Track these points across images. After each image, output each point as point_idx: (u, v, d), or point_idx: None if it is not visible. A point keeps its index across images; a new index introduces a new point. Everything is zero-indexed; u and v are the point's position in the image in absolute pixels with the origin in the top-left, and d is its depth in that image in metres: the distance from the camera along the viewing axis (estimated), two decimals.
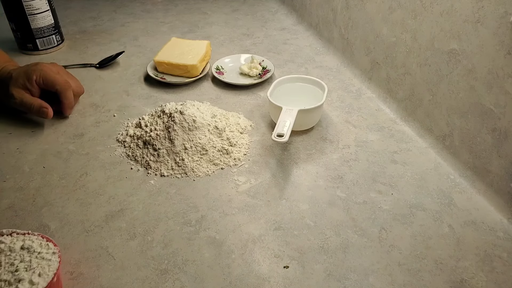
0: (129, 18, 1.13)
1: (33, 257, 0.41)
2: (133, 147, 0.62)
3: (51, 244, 0.43)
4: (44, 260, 0.41)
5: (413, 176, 0.58)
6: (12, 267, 0.40)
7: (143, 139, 0.62)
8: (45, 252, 0.42)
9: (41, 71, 0.66)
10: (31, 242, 0.42)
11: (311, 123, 0.66)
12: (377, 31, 0.75)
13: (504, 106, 0.51)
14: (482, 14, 0.52)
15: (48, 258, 0.41)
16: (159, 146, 0.59)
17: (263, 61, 0.84)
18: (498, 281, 0.44)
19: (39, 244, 0.42)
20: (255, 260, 0.46)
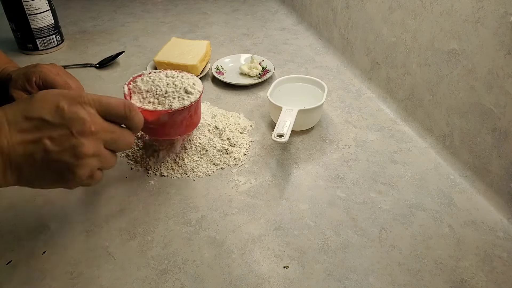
0: (129, 18, 1.13)
1: (179, 79, 0.55)
2: (133, 147, 0.62)
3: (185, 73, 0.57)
4: (189, 78, 0.56)
5: (413, 176, 0.58)
6: (169, 86, 0.54)
7: (143, 139, 0.62)
8: (186, 76, 0.57)
9: (41, 72, 0.66)
10: (171, 72, 0.57)
11: (311, 123, 0.66)
12: (377, 31, 0.75)
13: (504, 106, 0.51)
14: (482, 14, 0.52)
15: (189, 77, 0.56)
16: (159, 147, 0.59)
17: (263, 61, 0.84)
18: (498, 281, 0.44)
19: (176, 73, 0.57)
20: (255, 260, 0.46)
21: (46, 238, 0.48)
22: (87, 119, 0.40)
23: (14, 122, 0.38)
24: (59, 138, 0.39)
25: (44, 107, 0.39)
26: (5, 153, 0.37)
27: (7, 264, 0.45)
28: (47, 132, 0.38)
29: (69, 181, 0.41)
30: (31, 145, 0.38)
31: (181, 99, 0.52)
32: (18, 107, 0.39)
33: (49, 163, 0.39)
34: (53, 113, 0.39)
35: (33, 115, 0.38)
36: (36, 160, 0.38)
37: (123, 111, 0.44)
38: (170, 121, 0.52)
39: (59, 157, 0.39)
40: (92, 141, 0.41)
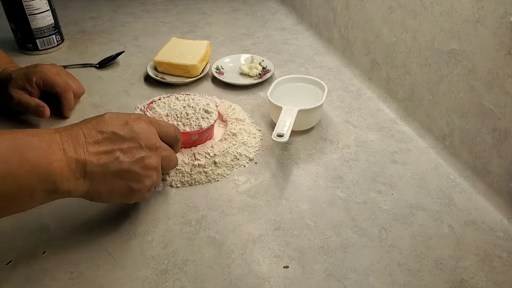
0: (129, 18, 1.13)
1: (192, 101, 0.61)
2: None
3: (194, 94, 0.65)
4: (200, 100, 0.62)
5: (413, 176, 0.58)
6: (187, 108, 0.60)
7: None
8: (196, 97, 0.63)
9: (41, 72, 0.66)
10: (182, 96, 0.63)
11: (311, 123, 0.66)
12: (377, 31, 0.75)
13: (504, 106, 0.51)
14: (482, 14, 0.52)
15: (200, 99, 0.62)
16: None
17: (263, 61, 0.84)
18: (498, 281, 0.44)
19: (186, 96, 0.63)
20: (255, 260, 0.46)
21: (46, 238, 0.48)
22: (153, 136, 0.45)
23: (89, 135, 0.41)
24: (129, 150, 0.42)
25: (114, 123, 0.43)
26: (82, 162, 0.40)
27: (7, 264, 0.45)
28: (119, 145, 0.42)
29: (135, 193, 0.44)
30: (105, 155, 0.41)
31: (205, 118, 0.59)
32: (90, 123, 0.42)
33: (120, 173, 0.42)
34: (123, 128, 0.43)
35: (105, 129, 0.42)
36: (109, 170, 0.41)
37: (174, 133, 0.49)
38: (198, 139, 0.59)
39: (130, 167, 0.42)
40: (155, 156, 0.45)
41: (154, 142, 0.45)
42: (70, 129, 0.41)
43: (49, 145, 0.38)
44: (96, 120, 0.43)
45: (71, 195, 0.41)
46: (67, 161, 0.39)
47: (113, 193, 0.43)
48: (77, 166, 0.40)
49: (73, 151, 0.40)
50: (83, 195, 0.42)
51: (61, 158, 0.39)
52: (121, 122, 0.43)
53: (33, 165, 0.37)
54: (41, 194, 0.38)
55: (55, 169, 0.38)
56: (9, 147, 0.36)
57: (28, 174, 0.36)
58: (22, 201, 0.38)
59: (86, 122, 0.43)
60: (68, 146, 0.39)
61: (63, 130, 0.41)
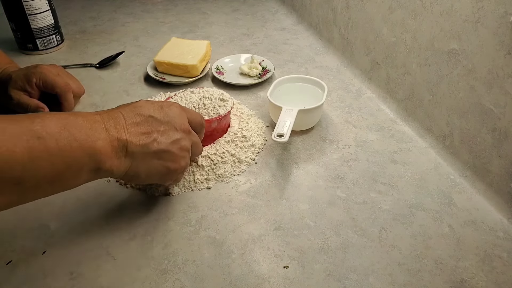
0: (129, 18, 1.13)
1: (207, 93, 0.62)
2: None
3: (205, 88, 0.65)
4: (214, 91, 0.62)
5: (413, 176, 0.58)
6: (203, 99, 0.61)
7: None
8: (210, 89, 0.63)
9: (41, 73, 0.66)
10: (195, 90, 0.63)
11: (311, 123, 0.66)
12: (377, 31, 0.75)
13: (504, 106, 0.51)
14: (482, 14, 0.52)
15: (215, 90, 0.63)
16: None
17: (263, 61, 0.84)
18: (498, 281, 0.44)
19: (199, 89, 0.64)
20: (255, 260, 0.46)
21: (46, 238, 0.48)
22: (185, 120, 0.47)
23: (129, 117, 0.43)
24: (166, 132, 0.45)
25: (150, 107, 0.45)
26: (124, 142, 0.42)
27: (7, 264, 0.45)
28: (156, 127, 0.44)
29: (171, 173, 0.46)
30: (144, 136, 0.43)
31: (222, 106, 0.60)
32: (128, 107, 0.45)
33: (159, 154, 0.44)
34: (159, 112, 0.45)
35: (143, 112, 0.44)
36: (149, 150, 0.43)
37: (200, 119, 0.51)
38: (218, 126, 0.60)
39: (168, 148, 0.45)
40: (188, 139, 0.47)
41: (187, 126, 0.47)
42: (110, 111, 0.43)
43: (93, 124, 0.40)
44: (133, 105, 0.45)
45: (113, 174, 0.42)
46: (110, 140, 0.40)
47: (151, 173, 0.45)
48: (119, 145, 0.41)
49: (115, 131, 0.41)
50: (123, 175, 0.43)
51: (104, 137, 0.40)
52: (157, 106, 0.46)
53: (80, 143, 0.38)
54: (87, 172, 0.40)
55: (99, 148, 0.39)
56: (58, 126, 0.37)
57: (77, 151, 0.38)
58: (69, 179, 0.39)
59: (124, 106, 0.45)
60: (110, 126, 0.41)
61: (104, 113, 0.43)
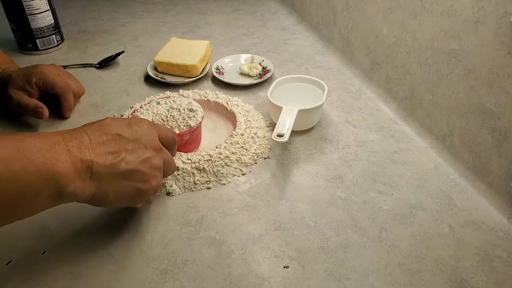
0: (129, 18, 1.13)
1: (177, 103, 0.61)
2: None
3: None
4: (183, 100, 0.61)
5: (413, 176, 0.58)
6: (170, 111, 0.59)
7: None
8: (179, 99, 0.62)
9: (41, 73, 0.66)
10: (162, 99, 0.63)
11: (311, 123, 0.66)
12: (377, 31, 0.75)
13: (504, 106, 0.51)
14: (482, 14, 0.52)
15: (184, 101, 0.61)
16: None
17: (263, 61, 0.84)
18: (498, 281, 0.44)
19: (166, 99, 0.63)
20: (255, 260, 0.46)
21: (46, 238, 0.48)
22: (155, 138, 0.45)
23: (94, 136, 0.40)
24: (135, 150, 0.42)
25: (117, 125, 0.43)
26: (88, 162, 0.39)
27: (7, 264, 0.45)
28: (124, 146, 0.42)
29: (142, 194, 0.44)
30: (111, 156, 0.40)
31: (192, 117, 0.58)
32: (93, 126, 0.42)
33: (128, 174, 0.41)
34: (127, 130, 0.43)
35: (110, 131, 0.42)
36: (117, 170, 0.41)
37: (172, 135, 0.49)
38: (190, 139, 0.59)
39: (138, 167, 0.42)
40: (159, 157, 0.45)
41: (158, 144, 0.45)
42: (73, 131, 0.41)
43: (52, 146, 0.37)
44: (98, 123, 0.42)
45: (77, 198, 0.39)
46: (72, 161, 0.38)
47: (120, 195, 0.42)
48: (83, 167, 0.38)
49: (78, 152, 0.38)
50: (89, 198, 0.41)
51: (66, 158, 0.37)
52: (124, 124, 0.43)
53: (37, 166, 0.35)
54: (46, 198, 0.37)
55: (59, 170, 0.36)
56: (12, 148, 0.35)
57: (32, 176, 0.35)
58: (26, 206, 0.36)
59: (89, 125, 0.42)
60: (72, 147, 0.38)
61: (66, 133, 0.40)
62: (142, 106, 0.62)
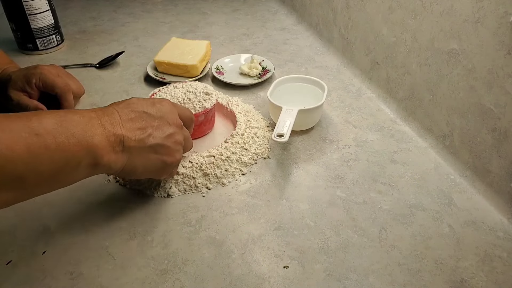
0: (129, 18, 1.13)
1: (193, 87, 0.64)
2: None
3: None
4: (199, 85, 0.64)
5: (413, 176, 0.58)
6: (187, 93, 0.62)
7: None
8: (194, 83, 0.65)
9: (41, 74, 0.66)
10: (181, 84, 0.65)
11: (311, 123, 0.66)
12: (377, 31, 0.75)
13: (504, 106, 0.51)
14: (482, 14, 0.52)
15: (196, 84, 0.64)
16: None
17: (263, 61, 0.84)
18: (498, 281, 0.44)
19: (186, 84, 0.65)
20: (255, 260, 0.46)
21: (46, 238, 0.48)
22: (176, 115, 0.49)
23: (123, 113, 0.44)
24: (160, 127, 0.46)
25: (143, 104, 0.46)
26: (120, 137, 0.43)
27: (7, 264, 0.45)
28: (150, 122, 0.45)
29: (167, 167, 0.48)
30: (140, 131, 0.44)
31: (207, 100, 0.61)
32: (121, 104, 0.46)
33: (155, 148, 0.46)
34: (152, 108, 0.46)
35: (137, 109, 0.45)
36: (145, 145, 0.45)
37: (190, 114, 0.52)
38: (205, 120, 0.62)
39: (164, 142, 0.46)
40: (181, 133, 0.49)
41: (179, 121, 0.49)
42: (105, 108, 0.44)
43: (89, 120, 0.41)
44: (126, 102, 0.46)
45: (110, 170, 0.43)
46: (106, 135, 0.41)
47: (148, 167, 0.46)
48: (116, 141, 0.42)
49: (111, 127, 0.42)
50: (120, 170, 0.44)
51: (101, 132, 0.41)
52: (149, 103, 0.47)
53: (78, 138, 0.39)
54: (85, 168, 0.40)
55: (97, 143, 0.40)
56: (55, 122, 0.38)
57: (74, 147, 0.39)
58: (69, 174, 0.40)
59: (118, 103, 0.46)
60: (105, 122, 0.42)
61: (99, 110, 0.43)
62: (161, 90, 0.64)
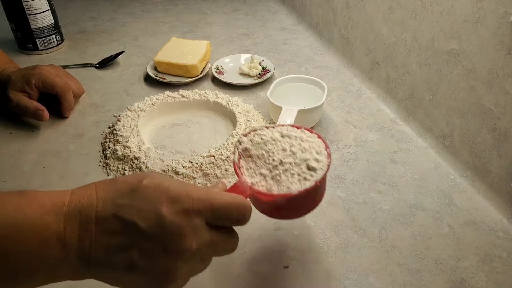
0: (129, 18, 1.13)
1: (298, 141, 0.42)
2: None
3: (305, 130, 0.44)
4: (310, 142, 0.42)
5: (413, 176, 0.58)
6: (286, 152, 0.41)
7: None
8: (306, 136, 0.43)
9: (40, 74, 0.66)
10: (288, 130, 0.44)
11: (311, 123, 0.66)
12: (377, 31, 0.75)
13: (504, 106, 0.51)
14: (482, 14, 0.52)
15: (312, 141, 0.42)
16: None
17: (263, 61, 0.84)
18: (498, 281, 0.44)
19: (294, 131, 0.44)
20: (255, 260, 0.46)
21: None
22: (190, 236, 0.32)
23: (102, 218, 0.31)
24: (149, 252, 0.31)
25: (141, 209, 0.31)
26: (85, 253, 0.31)
27: None
28: (137, 241, 0.31)
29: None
30: (116, 252, 0.31)
31: (302, 178, 0.40)
32: (111, 197, 0.32)
33: (130, 276, 0.32)
34: (150, 220, 0.31)
35: (125, 216, 0.31)
36: (117, 269, 0.32)
37: (236, 216, 0.36)
38: (288, 204, 0.41)
39: (145, 275, 0.32)
40: (187, 262, 0.33)
41: (189, 246, 0.32)
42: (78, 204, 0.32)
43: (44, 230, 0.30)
44: (119, 196, 0.32)
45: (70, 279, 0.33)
46: (65, 257, 0.31)
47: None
48: (80, 258, 0.31)
49: (75, 240, 0.31)
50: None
51: (58, 255, 0.31)
52: (152, 209, 0.31)
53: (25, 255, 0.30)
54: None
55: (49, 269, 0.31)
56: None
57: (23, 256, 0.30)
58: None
59: (108, 194, 0.32)
60: (69, 235, 0.31)
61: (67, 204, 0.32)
62: (263, 129, 0.44)
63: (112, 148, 0.60)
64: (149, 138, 0.65)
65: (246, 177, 0.41)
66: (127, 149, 0.58)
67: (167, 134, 0.66)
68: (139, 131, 0.62)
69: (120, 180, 0.34)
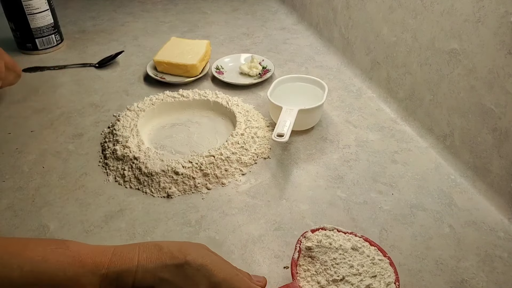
0: (129, 17, 1.12)
1: (369, 262, 0.39)
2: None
3: (378, 251, 0.41)
4: (381, 268, 0.38)
5: (413, 176, 0.58)
6: (352, 269, 0.38)
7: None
8: (378, 258, 0.39)
9: None
10: (361, 244, 0.40)
11: (311, 123, 0.66)
12: (377, 30, 0.74)
13: (504, 105, 0.51)
14: (482, 13, 0.52)
15: (383, 266, 0.38)
16: None
17: (263, 61, 0.84)
18: (498, 281, 0.44)
19: (367, 248, 0.40)
20: (255, 260, 0.46)
21: (46, 238, 0.48)
22: None
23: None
24: None
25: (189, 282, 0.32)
26: None
27: None
28: None
29: None
30: None
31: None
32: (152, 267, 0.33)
33: None
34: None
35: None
36: None
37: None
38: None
39: None
40: None
41: None
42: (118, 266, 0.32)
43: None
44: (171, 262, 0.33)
45: None
46: None
47: None
48: None
49: None
50: None
51: None
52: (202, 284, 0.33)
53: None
54: None
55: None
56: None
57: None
58: None
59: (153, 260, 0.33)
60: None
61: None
62: (335, 231, 0.44)
63: (112, 148, 0.60)
64: (149, 138, 0.65)
65: (300, 279, 0.39)
66: (126, 149, 0.58)
67: (167, 134, 0.66)
68: (138, 131, 0.62)
69: (165, 249, 0.34)
